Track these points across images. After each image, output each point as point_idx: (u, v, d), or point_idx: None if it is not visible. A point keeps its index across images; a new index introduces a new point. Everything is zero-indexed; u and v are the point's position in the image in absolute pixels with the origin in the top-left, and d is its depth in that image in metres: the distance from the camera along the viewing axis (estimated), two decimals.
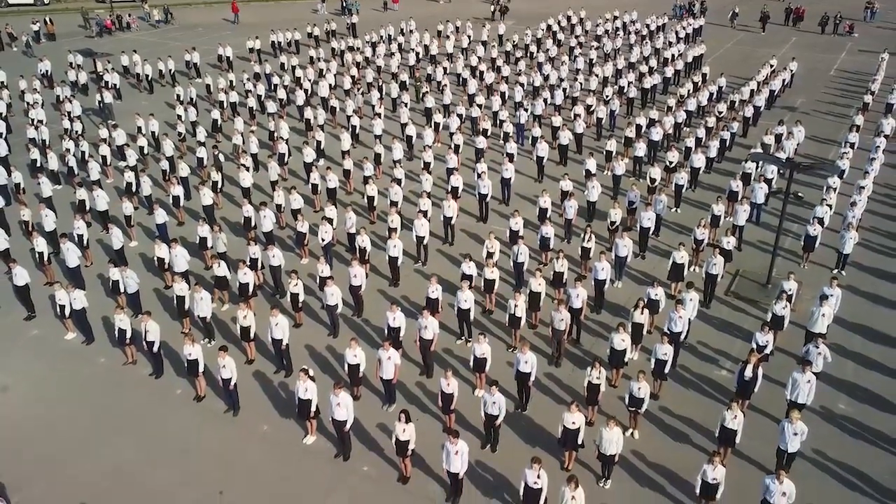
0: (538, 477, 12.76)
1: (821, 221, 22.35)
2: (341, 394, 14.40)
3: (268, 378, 17.63)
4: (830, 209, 23.13)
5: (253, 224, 22.86)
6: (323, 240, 21.56)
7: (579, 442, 14.27)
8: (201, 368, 16.41)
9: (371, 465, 15.04)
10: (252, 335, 17.72)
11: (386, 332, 17.31)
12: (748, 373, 15.39)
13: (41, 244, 21.20)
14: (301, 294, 18.69)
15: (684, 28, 47.36)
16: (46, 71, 39.32)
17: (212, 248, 21.45)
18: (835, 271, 21.37)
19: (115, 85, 37.14)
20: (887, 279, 21.51)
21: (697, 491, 13.15)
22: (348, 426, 14.68)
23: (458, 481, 13.87)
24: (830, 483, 14.47)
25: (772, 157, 25.31)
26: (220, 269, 19.71)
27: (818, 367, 15.91)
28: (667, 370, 16.44)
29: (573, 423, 14.13)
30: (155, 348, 17.18)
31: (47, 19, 51.16)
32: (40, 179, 25.05)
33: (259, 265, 20.57)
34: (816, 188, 25.83)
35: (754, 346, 16.62)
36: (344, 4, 57.69)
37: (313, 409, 15.03)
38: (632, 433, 15.59)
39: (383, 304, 19.03)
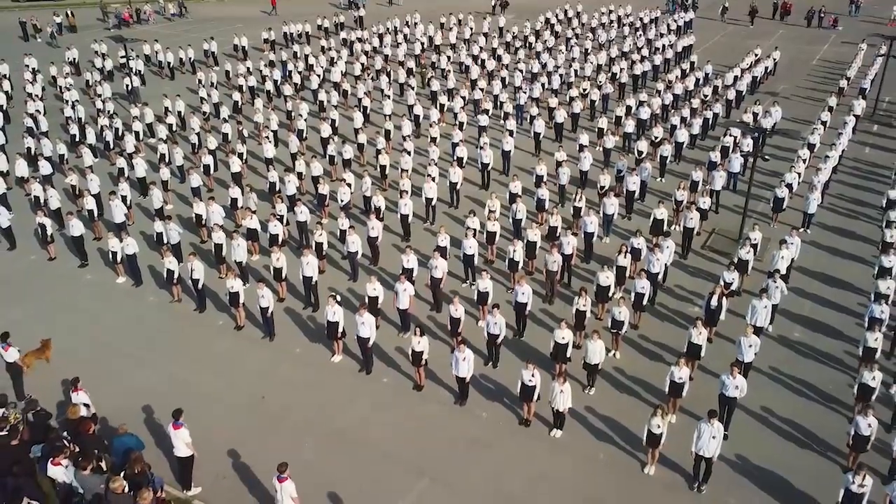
0: (532, 375, 15.32)
1: (789, 186, 24.86)
2: (365, 314, 16.93)
3: (297, 313, 20.17)
4: (799, 176, 25.68)
5: (277, 189, 25.29)
6: (342, 200, 24.08)
7: (567, 355, 16.81)
8: (242, 300, 18.94)
9: (390, 377, 17.59)
10: (283, 276, 20.26)
11: (401, 269, 19.70)
12: (714, 302, 17.92)
13: (91, 202, 23.72)
14: (325, 243, 21.21)
15: (675, 21, 49.90)
16: (74, 59, 41.84)
17: (243, 207, 23.90)
18: (801, 230, 23.84)
19: (140, 71, 39.64)
20: (847, 236, 24.04)
21: (667, 389, 15.66)
22: (371, 342, 17.20)
23: (465, 385, 16.41)
24: (783, 391, 17.02)
25: (741, 123, 27.97)
26: (252, 223, 22.22)
27: (776, 298, 18.42)
28: (644, 302, 18.99)
29: (563, 338, 16.67)
30: (199, 285, 19.70)
31: (69, 12, 53.69)
32: (82, 150, 27.55)
33: (286, 221, 23.04)
34: (788, 160, 28.33)
35: (721, 282, 19.14)
36: None
37: (340, 330, 17.56)
38: (614, 353, 18.12)
39: (396, 256, 21.42)
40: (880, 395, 15.46)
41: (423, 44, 45.17)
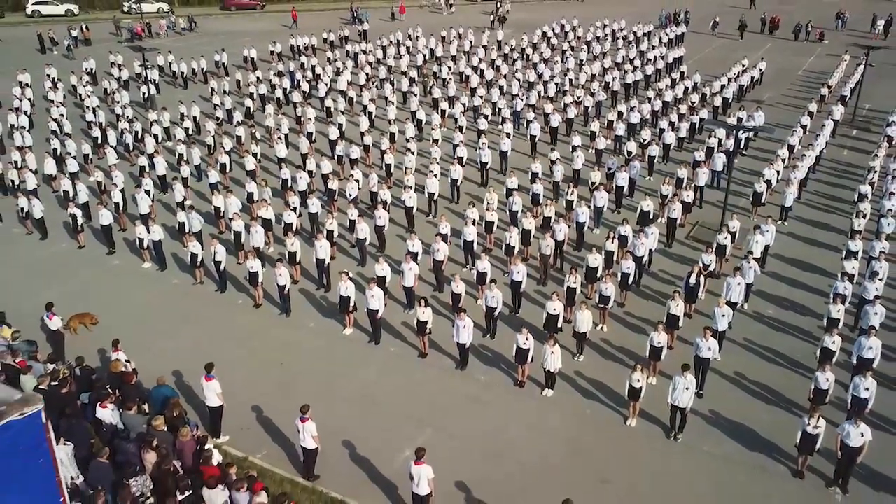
0: (526, 339, 17.02)
1: (768, 182, 26.63)
2: (375, 288, 18.66)
3: (311, 293, 21.89)
4: (778, 174, 27.49)
5: (290, 185, 27.01)
6: (351, 195, 25.84)
7: (558, 325, 18.49)
8: (260, 279, 20.67)
9: (397, 347, 19.28)
10: (298, 260, 21.99)
11: (406, 252, 21.34)
12: (692, 279, 19.64)
13: (117, 195, 25.51)
14: (336, 231, 22.94)
15: (667, 34, 51.97)
16: (91, 69, 43.80)
17: (258, 199, 25.61)
18: (779, 222, 25.55)
19: (154, 80, 41.54)
20: (821, 228, 25.80)
21: (647, 354, 17.33)
22: (380, 314, 18.90)
23: (465, 351, 18.09)
24: (754, 358, 18.70)
25: (721, 121, 29.98)
26: (267, 213, 23.97)
27: (749, 277, 20.12)
28: (630, 282, 20.71)
29: (554, 309, 18.38)
30: (221, 267, 21.43)
31: (84, 26, 55.78)
32: (105, 151, 29.39)
33: (298, 213, 24.78)
34: (769, 159, 30.09)
35: (700, 262, 20.85)
36: (355, 14, 62.29)
37: (352, 304, 19.27)
38: (601, 327, 19.80)
39: (401, 245, 23.02)
40: (840, 360, 17.14)
41: (424, 55, 47.15)
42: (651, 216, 24.35)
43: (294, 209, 24.38)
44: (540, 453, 15.46)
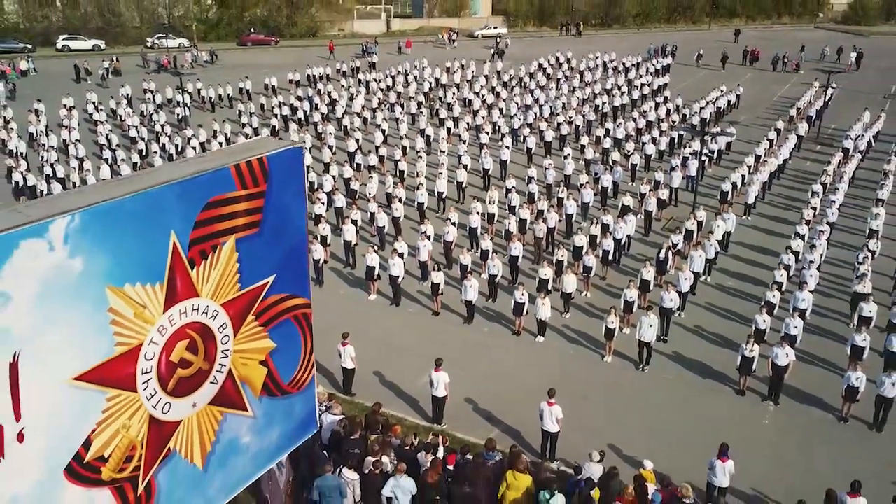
0: (522, 294, 20.75)
1: (734, 184, 30.53)
2: (396, 258, 22.46)
3: (340, 270, 25.67)
4: (743, 177, 31.43)
5: (315, 187, 30.84)
6: (370, 193, 29.73)
7: (548, 288, 22.22)
8: None
9: (414, 308, 23.02)
10: (328, 242, 25.77)
11: (421, 232, 25.09)
12: (662, 254, 23.42)
13: None
14: (358, 220, 26.75)
15: (654, 65, 56.45)
16: (127, 94, 48.08)
17: None
18: (742, 217, 29.35)
19: (186, 103, 45.77)
20: (781, 222, 29.63)
21: (621, 306, 21.04)
22: (400, 280, 22.66)
23: (471, 308, 21.82)
24: (713, 317, 22.41)
25: (689, 126, 34.17)
26: None
27: (710, 253, 23.90)
28: (610, 258, 24.50)
29: (545, 274, 22.13)
30: None
31: (115, 58, 60.37)
32: (154, 159, 33.39)
33: (326, 207, 28.63)
34: (734, 162, 34.06)
35: (670, 241, 24.64)
36: (364, 48, 66.94)
37: (376, 272, 23.03)
38: (585, 293, 23.53)
39: (415, 235, 26.80)
40: (782, 309, 20.89)
41: (430, 83, 51.49)
42: (630, 209, 28.19)
43: (322, 203, 28.22)
44: (532, 378, 19.02)
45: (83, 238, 5.12)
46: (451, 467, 13.87)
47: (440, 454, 14.16)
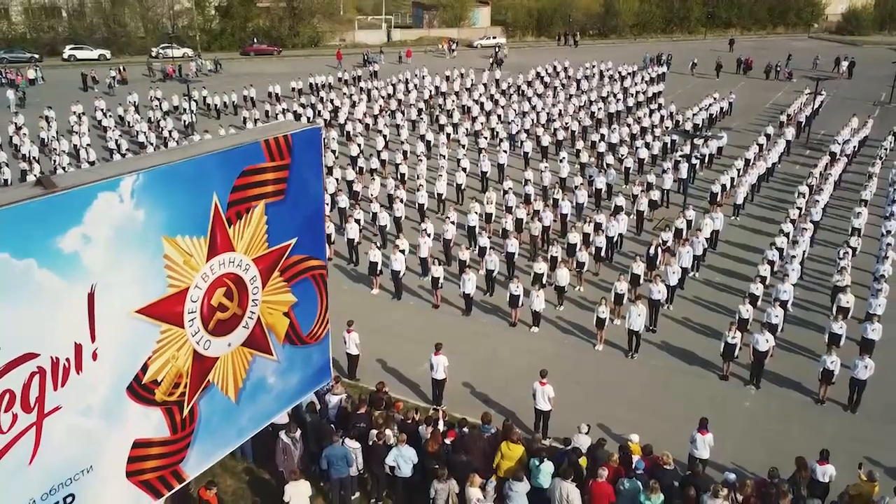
0: (517, 287, 21.84)
1: (723, 186, 31.67)
2: (397, 254, 23.56)
3: (343, 267, 26.75)
4: (732, 180, 32.56)
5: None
6: (372, 194, 30.86)
7: (543, 281, 23.31)
8: None
9: (415, 301, 24.10)
10: (332, 240, 26.87)
11: (421, 230, 26.21)
12: (652, 250, 24.52)
13: None
14: (361, 219, 27.86)
15: (649, 73, 57.73)
16: (135, 102, 49.31)
17: None
18: (731, 217, 30.49)
19: (193, 110, 46.98)
20: (768, 222, 30.72)
21: (611, 298, 22.12)
22: (402, 275, 23.74)
23: (469, 300, 22.91)
24: (700, 309, 23.49)
25: (680, 130, 35.34)
26: None
27: (698, 250, 24.99)
28: (602, 254, 25.59)
29: (539, 269, 23.23)
30: None
31: (121, 68, 61.70)
32: None
33: (330, 207, 29.75)
34: (725, 165, 35.24)
35: (659, 239, 25.74)
36: (366, 58, 68.29)
37: (379, 268, 24.12)
38: (578, 288, 24.62)
39: (415, 234, 27.90)
40: (765, 299, 21.99)
41: (430, 91, 52.76)
42: (623, 209, 29.33)
43: (326, 204, 29.30)
44: (527, 364, 20.02)
45: (145, 194, 6.20)
46: (449, 441, 14.90)
47: (440, 427, 15.21)
